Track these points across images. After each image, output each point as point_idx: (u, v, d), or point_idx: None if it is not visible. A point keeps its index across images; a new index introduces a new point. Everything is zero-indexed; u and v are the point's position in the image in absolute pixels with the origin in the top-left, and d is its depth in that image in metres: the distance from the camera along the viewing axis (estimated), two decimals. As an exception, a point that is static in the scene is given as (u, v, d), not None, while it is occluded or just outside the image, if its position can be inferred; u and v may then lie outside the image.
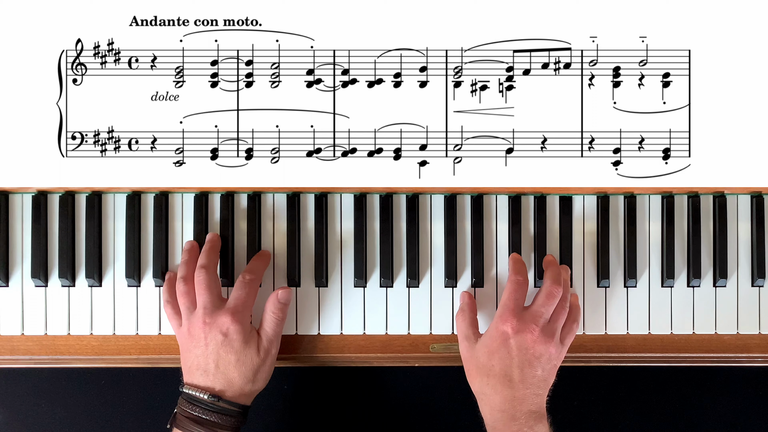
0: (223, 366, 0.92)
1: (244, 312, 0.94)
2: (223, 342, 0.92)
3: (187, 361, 0.94)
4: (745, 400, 1.12)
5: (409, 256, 1.00)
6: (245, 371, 0.93)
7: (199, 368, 0.92)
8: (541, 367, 0.92)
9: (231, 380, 0.92)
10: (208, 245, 0.98)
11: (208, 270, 0.96)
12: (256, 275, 0.97)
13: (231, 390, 0.92)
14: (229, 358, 0.92)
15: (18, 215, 1.01)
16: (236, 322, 0.92)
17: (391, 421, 1.12)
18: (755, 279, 1.01)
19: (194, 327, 0.93)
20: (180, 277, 0.96)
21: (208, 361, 0.92)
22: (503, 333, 0.92)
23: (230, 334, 0.92)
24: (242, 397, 0.93)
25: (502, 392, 0.91)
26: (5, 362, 1.01)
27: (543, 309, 0.94)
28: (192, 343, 0.93)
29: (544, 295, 0.95)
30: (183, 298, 0.96)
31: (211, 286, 0.95)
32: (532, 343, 0.92)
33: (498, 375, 0.91)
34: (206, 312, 0.93)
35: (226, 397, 0.92)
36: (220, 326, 0.92)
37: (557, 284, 0.95)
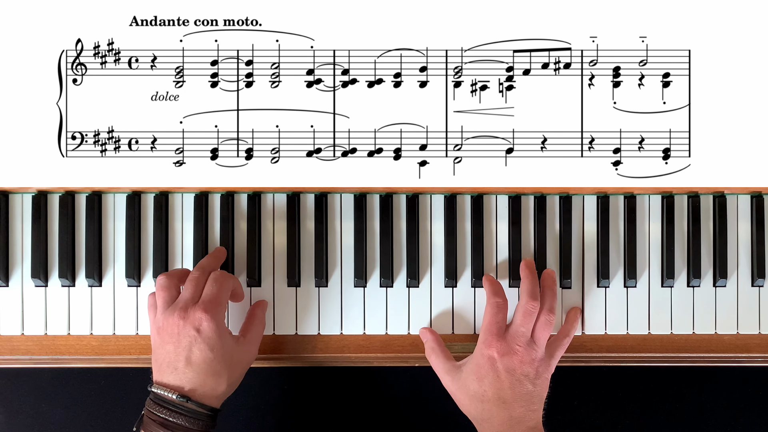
0: (195, 363, 0.89)
1: (219, 308, 0.91)
2: (196, 338, 0.89)
3: (159, 358, 0.91)
4: (745, 400, 1.12)
5: (409, 256, 1.00)
6: (218, 368, 0.90)
7: (170, 365, 0.89)
8: (531, 383, 0.92)
9: (202, 379, 0.89)
10: (215, 252, 0.98)
11: (205, 271, 0.94)
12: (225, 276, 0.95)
13: (201, 389, 0.89)
14: (201, 355, 0.89)
15: (18, 215, 1.01)
16: (211, 318, 0.89)
17: (391, 421, 1.12)
18: (755, 279, 1.01)
19: (169, 321, 0.90)
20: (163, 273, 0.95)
21: (179, 358, 0.89)
22: (489, 358, 0.92)
23: (204, 330, 0.89)
24: (213, 398, 0.90)
25: (499, 415, 0.91)
26: (5, 362, 1.01)
27: (522, 328, 0.94)
28: (165, 338, 0.90)
29: (521, 314, 0.95)
30: (162, 291, 0.93)
31: (200, 285, 0.93)
32: (519, 364, 0.92)
33: (492, 399, 0.92)
34: (183, 306, 0.90)
35: (195, 397, 0.89)
36: (194, 321, 0.89)
37: (533, 299, 0.95)
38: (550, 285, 0.98)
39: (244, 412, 1.11)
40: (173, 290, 0.94)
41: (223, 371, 0.90)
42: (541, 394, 0.94)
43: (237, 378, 0.94)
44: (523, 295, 0.96)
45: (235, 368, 0.92)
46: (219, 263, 0.98)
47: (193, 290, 0.92)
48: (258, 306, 0.99)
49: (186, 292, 0.92)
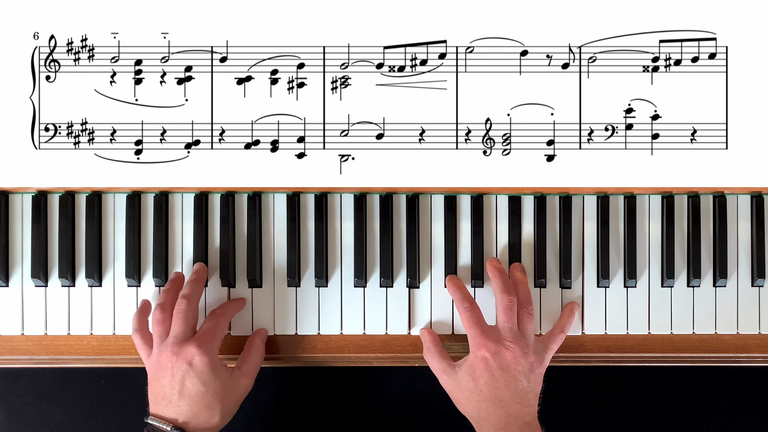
0: (187, 396, 0.91)
1: (213, 344, 0.93)
2: (188, 371, 0.91)
3: (154, 391, 0.93)
4: (745, 400, 1.12)
5: (409, 256, 1.00)
6: (210, 401, 0.92)
7: (164, 398, 0.91)
8: (525, 378, 0.93)
9: (195, 411, 0.91)
10: (194, 276, 0.98)
11: (190, 301, 0.95)
12: (226, 311, 0.97)
13: (195, 422, 0.91)
14: (194, 389, 0.91)
15: (18, 215, 1.01)
16: (203, 353, 0.91)
17: (391, 421, 1.12)
18: (755, 279, 1.01)
19: (163, 356, 0.92)
20: (157, 304, 0.96)
21: (173, 391, 0.91)
22: (483, 358, 0.93)
23: (196, 365, 0.91)
24: (207, 430, 0.92)
25: (496, 413, 0.92)
26: (5, 362, 1.01)
27: (508, 324, 0.95)
28: (160, 373, 0.92)
29: (502, 310, 0.96)
30: (158, 326, 0.95)
31: (189, 317, 0.94)
32: (512, 359, 0.93)
33: (488, 398, 0.92)
34: (176, 342, 0.92)
35: (189, 429, 0.91)
36: (186, 356, 0.91)
37: (508, 293, 0.96)
38: (520, 277, 0.99)
39: (244, 412, 1.10)
40: (167, 323, 0.95)
41: (216, 404, 0.92)
42: (535, 389, 0.94)
43: (231, 410, 0.95)
44: (497, 293, 0.96)
45: (229, 401, 0.94)
46: (202, 284, 0.98)
47: (182, 324, 0.93)
48: (257, 335, 0.99)
49: (175, 327, 0.94)
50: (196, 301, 0.96)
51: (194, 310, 0.95)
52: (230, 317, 0.98)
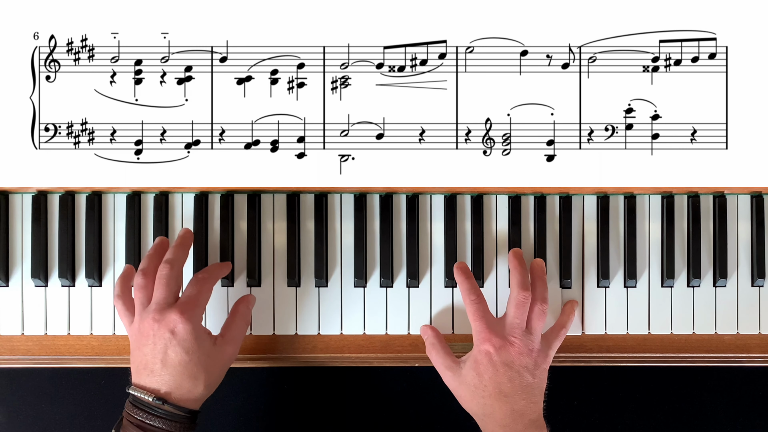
0: (170, 365, 0.88)
1: (196, 310, 0.91)
2: (171, 340, 0.88)
3: (136, 360, 0.90)
4: (745, 400, 1.12)
5: (409, 256, 1.00)
6: (194, 371, 0.89)
7: (146, 367, 0.89)
8: (530, 374, 0.92)
9: (178, 381, 0.88)
10: (179, 240, 0.96)
11: (173, 266, 0.92)
12: (209, 275, 0.95)
13: (178, 392, 0.88)
14: (176, 358, 0.88)
15: (18, 215, 1.01)
16: (186, 320, 0.88)
17: (391, 422, 1.12)
18: (755, 279, 1.01)
19: (144, 324, 0.89)
20: (140, 269, 0.93)
21: (155, 360, 0.88)
22: (486, 353, 0.92)
23: (178, 333, 0.88)
24: (190, 401, 0.90)
25: (501, 409, 0.91)
26: (5, 362, 1.01)
27: (517, 320, 0.94)
28: (141, 341, 0.89)
29: (514, 305, 0.95)
30: (139, 292, 0.92)
31: (171, 283, 0.91)
32: (517, 355, 0.92)
33: (492, 394, 0.91)
34: (158, 308, 0.89)
35: (172, 399, 0.88)
36: (168, 323, 0.88)
37: (524, 290, 0.95)
38: (540, 275, 0.98)
39: (244, 412, 1.11)
40: (150, 289, 0.92)
41: (200, 374, 0.90)
42: (540, 385, 0.93)
43: (216, 379, 0.92)
44: (514, 287, 0.96)
45: (213, 370, 0.91)
46: (187, 250, 0.96)
47: (164, 290, 0.91)
48: (242, 302, 0.97)
49: (157, 292, 0.91)
50: (179, 267, 0.93)
51: (177, 275, 0.92)
52: (215, 281, 0.95)
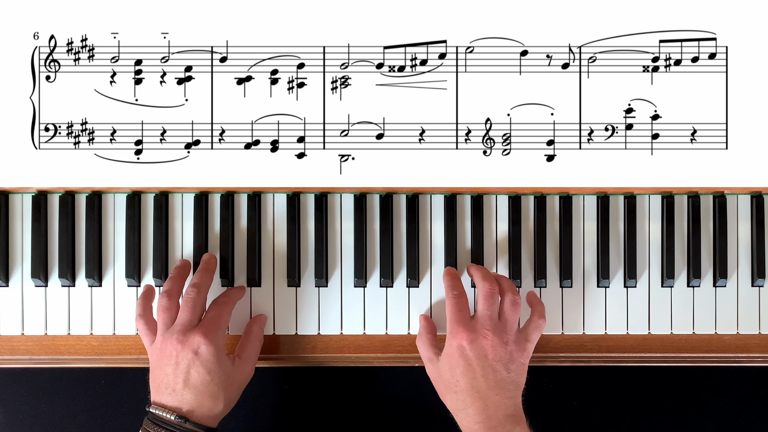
0: (192, 385, 0.90)
1: (218, 332, 0.93)
2: (194, 360, 0.90)
3: (156, 379, 0.92)
4: (745, 400, 1.12)
5: (409, 256, 1.00)
6: (215, 390, 0.91)
7: (168, 387, 0.91)
8: (505, 368, 0.91)
9: (200, 400, 0.90)
10: (204, 265, 0.98)
11: (200, 290, 0.95)
12: (229, 299, 0.97)
13: (199, 410, 0.91)
14: (199, 378, 0.90)
15: (18, 215, 1.01)
16: (209, 342, 0.91)
17: (390, 422, 1.12)
18: (755, 279, 1.01)
19: (167, 344, 0.92)
20: (164, 291, 0.95)
21: (178, 380, 0.90)
22: (459, 347, 0.92)
23: (202, 354, 0.91)
24: (210, 419, 0.92)
25: (474, 404, 0.90)
26: (5, 362, 1.01)
27: (487, 311, 0.93)
28: (163, 361, 0.92)
29: (482, 297, 0.94)
30: (163, 313, 0.94)
31: (197, 306, 0.94)
32: (490, 348, 0.91)
33: (465, 389, 0.91)
34: (182, 330, 0.92)
35: (193, 418, 0.90)
36: (192, 345, 0.91)
37: (489, 281, 0.95)
38: (495, 274, 0.98)
39: (244, 412, 1.11)
40: (173, 311, 0.94)
41: (220, 393, 0.92)
42: (516, 380, 0.92)
43: (234, 398, 0.95)
44: (478, 282, 0.96)
45: (231, 389, 0.94)
46: (212, 275, 0.98)
47: (190, 313, 0.93)
48: (255, 322, 0.99)
49: (183, 314, 0.93)
50: (205, 291, 0.96)
51: (203, 300, 0.95)
52: (233, 305, 0.98)
